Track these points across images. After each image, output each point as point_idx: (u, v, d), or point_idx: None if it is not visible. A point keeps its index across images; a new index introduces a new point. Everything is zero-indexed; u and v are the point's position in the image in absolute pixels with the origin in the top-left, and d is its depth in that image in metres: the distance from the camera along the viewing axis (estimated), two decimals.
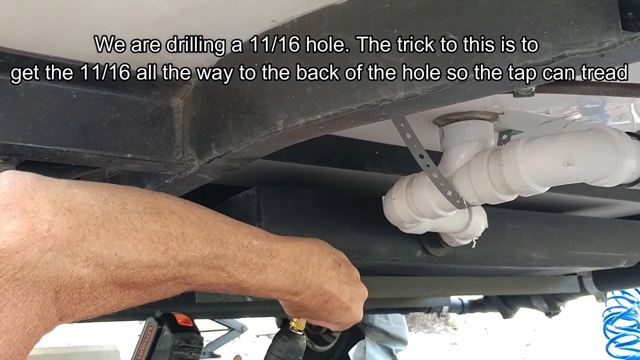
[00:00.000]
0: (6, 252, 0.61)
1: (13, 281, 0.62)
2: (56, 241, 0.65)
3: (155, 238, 0.75)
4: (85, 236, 0.67)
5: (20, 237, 0.62)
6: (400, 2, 0.69)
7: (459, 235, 1.41)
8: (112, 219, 0.71)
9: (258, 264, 0.87)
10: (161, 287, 0.78)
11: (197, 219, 0.81)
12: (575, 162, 1.00)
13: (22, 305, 0.62)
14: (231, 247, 0.83)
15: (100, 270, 0.69)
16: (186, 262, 0.78)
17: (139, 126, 0.93)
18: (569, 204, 2.04)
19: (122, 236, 0.72)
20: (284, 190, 1.34)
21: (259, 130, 0.81)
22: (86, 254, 0.67)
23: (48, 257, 0.64)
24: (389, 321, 3.70)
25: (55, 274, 0.65)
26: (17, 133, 0.83)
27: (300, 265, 0.92)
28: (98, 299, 0.71)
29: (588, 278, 2.73)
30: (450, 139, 1.21)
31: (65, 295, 0.67)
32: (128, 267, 0.72)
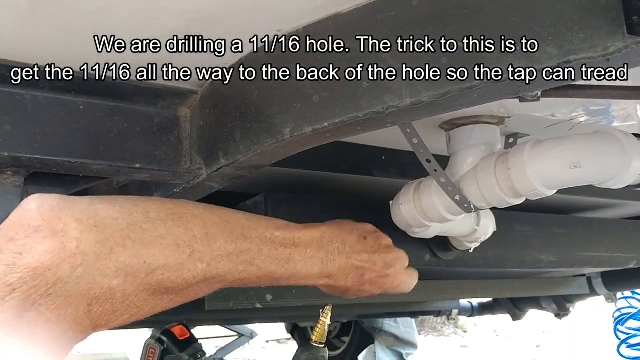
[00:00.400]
0: (40, 270, 0.66)
1: (47, 296, 0.66)
2: (85, 257, 0.69)
3: (180, 242, 0.78)
4: (113, 248, 0.71)
5: (52, 256, 0.67)
6: (405, 10, 0.69)
7: (467, 239, 1.40)
8: (137, 229, 0.75)
9: (284, 254, 0.89)
10: (193, 289, 0.81)
11: (218, 219, 0.84)
12: (582, 164, 0.99)
13: (56, 319, 0.66)
14: (255, 242, 0.86)
15: (131, 280, 0.73)
16: (214, 262, 0.81)
17: (146, 136, 0.93)
18: (577, 205, 2.03)
19: (149, 244, 0.75)
20: (291, 196, 1.34)
21: (266, 138, 0.82)
22: (115, 265, 0.71)
23: (79, 272, 0.68)
24: (398, 325, 3.69)
25: (87, 287, 0.69)
26: (25, 145, 0.84)
27: (325, 249, 0.94)
28: (131, 307, 0.74)
29: (597, 279, 2.72)
30: (457, 144, 1.21)
31: (98, 306, 0.71)
32: (157, 273, 0.75)
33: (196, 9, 0.72)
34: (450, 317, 3.60)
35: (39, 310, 0.65)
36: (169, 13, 0.73)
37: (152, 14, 0.73)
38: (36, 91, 0.86)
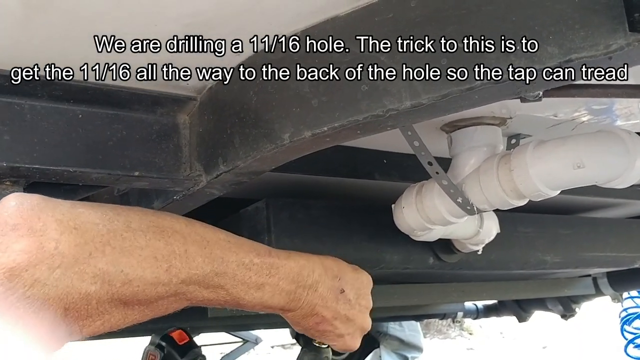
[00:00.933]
0: (16, 271, 0.63)
1: (24, 299, 0.63)
2: (64, 259, 0.66)
3: (159, 256, 0.76)
4: (92, 253, 0.69)
5: (29, 256, 0.64)
6: (403, 12, 0.68)
7: (470, 241, 1.40)
8: (117, 237, 0.73)
9: (256, 282, 0.87)
10: (163, 302, 0.79)
11: (199, 238, 0.82)
12: (585, 164, 0.99)
13: (34, 322, 0.63)
14: (231, 266, 0.84)
15: (107, 287, 0.70)
16: (188, 280, 0.79)
17: (145, 143, 0.93)
18: (581, 205, 2.02)
19: (128, 253, 0.73)
20: (293, 201, 1.33)
21: (266, 144, 0.81)
22: (93, 271, 0.69)
23: (57, 275, 0.65)
24: (403, 328, 3.68)
25: (65, 291, 0.66)
26: (24, 155, 0.83)
27: (296, 284, 0.92)
28: (104, 313, 0.72)
29: (603, 279, 2.70)
30: (459, 145, 1.20)
31: (74, 311, 0.68)
32: (133, 285, 0.73)
33: (193, 14, 0.72)
34: (456, 319, 3.59)
35: (16, 313, 0.62)
36: (166, 18, 0.72)
37: (150, 18, 0.72)
38: (34, 100, 0.86)
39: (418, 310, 3.13)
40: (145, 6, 0.70)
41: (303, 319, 0.96)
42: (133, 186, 0.97)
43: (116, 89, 0.89)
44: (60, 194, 0.96)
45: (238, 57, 0.85)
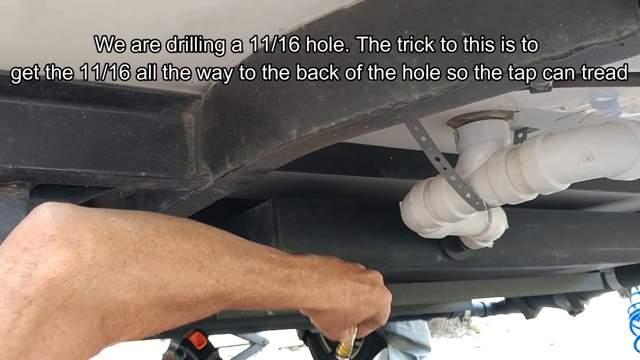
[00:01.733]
0: (56, 281, 0.63)
1: (62, 309, 0.64)
2: (100, 269, 0.67)
3: (189, 257, 0.77)
4: (126, 261, 0.70)
5: (68, 267, 0.65)
6: (409, 3, 0.67)
7: (479, 238, 1.39)
8: (149, 243, 0.74)
9: (283, 274, 0.89)
10: (202, 306, 0.81)
11: (221, 238, 0.84)
12: (595, 156, 0.98)
13: (71, 332, 0.65)
14: (257, 260, 0.86)
15: (144, 293, 0.72)
16: (222, 278, 0.81)
17: (151, 143, 0.92)
18: (589, 199, 2.01)
19: (160, 258, 0.74)
20: (300, 200, 1.32)
21: (273, 141, 0.80)
22: (129, 279, 0.70)
23: (94, 285, 0.67)
24: (411, 328, 3.67)
25: (102, 300, 0.67)
26: (29, 157, 0.83)
27: (317, 270, 0.94)
28: (143, 321, 0.73)
29: (611, 274, 2.69)
30: (466, 140, 1.19)
31: (111, 320, 0.69)
32: (170, 288, 0.75)
33: (196, 11, 0.71)
34: (463, 318, 3.58)
35: (54, 323, 0.63)
36: (168, 16, 0.72)
37: (152, 17, 0.72)
38: (38, 101, 0.85)
39: (426, 309, 3.13)
40: (147, 4, 0.69)
41: (345, 298, 0.97)
42: (139, 187, 0.96)
43: (120, 88, 0.88)
44: (66, 196, 0.95)
45: (240, 56, 0.84)
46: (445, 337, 8.15)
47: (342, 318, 1.00)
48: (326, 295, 0.95)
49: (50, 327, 0.63)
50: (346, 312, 0.99)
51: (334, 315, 0.99)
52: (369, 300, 1.01)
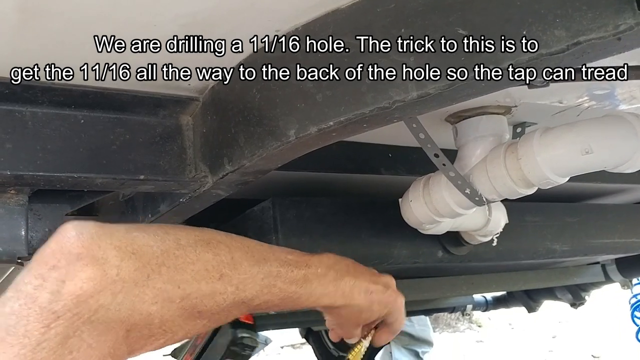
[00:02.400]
0: (83, 297, 0.67)
1: (89, 323, 0.67)
2: (125, 284, 0.71)
3: (209, 267, 0.81)
4: (150, 275, 0.74)
5: (94, 283, 0.68)
6: (405, 1, 0.67)
7: (479, 233, 1.39)
8: (170, 256, 0.77)
9: (299, 275, 0.91)
10: (223, 313, 0.83)
11: (239, 245, 0.87)
12: (594, 150, 0.98)
13: (97, 345, 0.68)
14: (274, 264, 0.88)
15: (167, 305, 0.75)
16: (241, 285, 0.84)
17: (149, 146, 0.92)
18: (588, 192, 2.01)
19: (182, 270, 0.78)
20: (299, 200, 1.32)
21: (271, 141, 0.80)
22: (152, 292, 0.73)
23: (119, 299, 0.70)
24: (413, 324, 3.67)
25: (127, 314, 0.71)
26: (27, 163, 0.83)
27: (333, 268, 0.97)
28: (167, 332, 0.76)
29: (611, 266, 2.69)
30: (464, 136, 1.19)
31: (136, 332, 0.73)
32: (192, 298, 0.78)
33: (191, 13, 0.71)
34: (465, 312, 3.58)
35: (81, 337, 0.67)
36: (164, 19, 0.72)
37: (148, 20, 0.71)
38: (35, 107, 0.85)
39: (427, 304, 3.12)
40: (142, 7, 0.69)
41: (360, 296, 0.99)
42: (138, 190, 0.96)
43: (117, 92, 0.88)
44: (65, 201, 0.95)
45: (237, 57, 0.84)
46: (448, 332, 8.16)
47: (356, 315, 1.02)
48: (341, 292, 0.97)
49: (77, 340, 0.66)
50: (360, 308, 1.00)
51: (348, 311, 1.01)
52: (382, 300, 1.03)
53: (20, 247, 0.88)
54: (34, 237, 0.92)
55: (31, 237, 0.90)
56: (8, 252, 0.86)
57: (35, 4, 0.66)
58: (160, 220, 1.09)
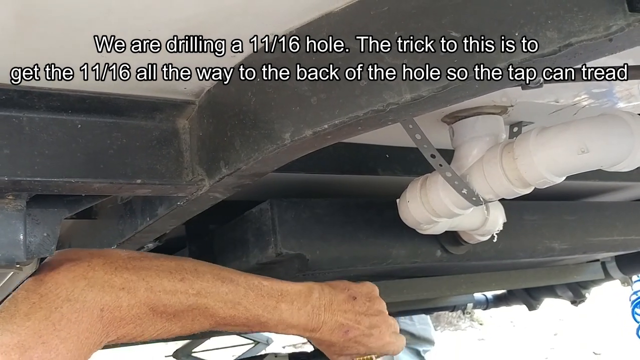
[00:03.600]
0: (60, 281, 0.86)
1: (68, 301, 0.84)
2: (95, 272, 0.88)
3: (173, 270, 0.93)
4: (117, 268, 0.90)
5: (69, 272, 0.87)
6: (398, 4, 0.68)
7: (477, 232, 1.39)
8: (136, 259, 0.93)
9: (270, 302, 0.99)
10: (187, 315, 0.93)
11: (208, 266, 1.00)
12: (590, 149, 0.98)
13: (76, 319, 0.83)
14: (242, 284, 0.98)
15: (133, 291, 0.89)
16: (203, 291, 0.94)
17: (146, 150, 0.92)
18: (587, 190, 2.01)
19: (146, 268, 0.92)
20: (297, 201, 1.32)
21: (267, 144, 0.80)
22: (120, 280, 0.89)
23: (91, 283, 0.87)
24: (414, 322, 3.67)
25: (99, 295, 0.86)
26: (25, 168, 0.83)
27: (311, 304, 1.02)
28: (135, 318, 0.89)
29: (611, 263, 2.70)
30: (461, 136, 1.19)
31: (108, 312, 0.86)
32: (155, 290, 0.90)
33: (185, 18, 0.71)
34: (466, 310, 3.58)
35: (60, 311, 0.82)
36: (159, 23, 0.72)
37: (142, 25, 0.72)
38: (32, 112, 0.85)
39: (428, 303, 3.13)
40: (136, 12, 0.69)
41: (331, 334, 1.04)
42: (136, 194, 0.96)
43: (114, 96, 0.88)
44: (63, 205, 0.95)
45: (234, 58, 0.84)
46: (449, 330, 8.16)
47: (326, 346, 1.08)
48: (311, 328, 1.02)
49: (58, 315, 0.81)
50: (330, 343, 1.05)
51: (318, 342, 1.07)
52: (359, 340, 1.07)
53: (18, 252, 0.88)
54: (32, 242, 0.92)
55: (29, 242, 0.90)
56: (6, 257, 0.86)
57: (31, 12, 0.66)
58: (158, 223, 1.09)
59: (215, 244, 1.51)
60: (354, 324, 1.05)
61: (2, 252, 0.86)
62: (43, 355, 0.78)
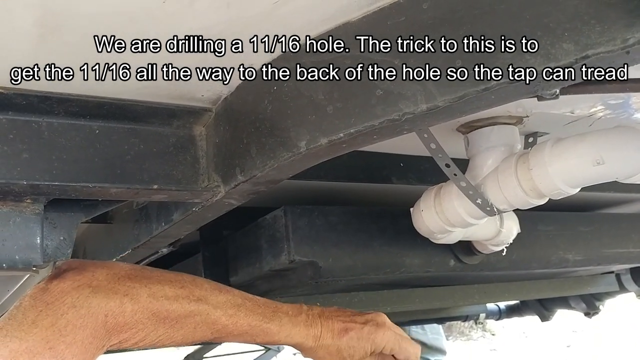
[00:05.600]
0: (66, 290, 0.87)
1: (73, 307, 0.86)
2: (99, 282, 0.90)
3: (173, 280, 0.97)
4: (120, 278, 0.92)
5: (73, 282, 0.88)
6: (415, 15, 0.68)
7: (491, 242, 1.39)
8: (137, 270, 0.96)
9: (267, 311, 1.02)
10: (188, 322, 0.96)
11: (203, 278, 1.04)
12: (605, 161, 0.98)
13: (81, 324, 0.85)
14: (238, 296, 1.02)
15: (136, 298, 0.91)
16: (203, 298, 0.97)
17: (163, 156, 0.93)
18: (602, 201, 2.00)
19: (148, 278, 0.95)
20: (311, 208, 1.33)
21: (282, 152, 0.81)
22: (123, 288, 0.91)
23: (96, 290, 0.89)
24: (425, 332, 3.66)
25: (103, 301, 0.88)
26: (43, 172, 0.84)
27: (305, 313, 1.06)
28: (138, 323, 0.91)
29: (626, 275, 2.67)
30: (476, 146, 1.19)
31: (112, 318, 0.88)
32: (157, 296, 0.93)
33: (205, 27, 0.72)
34: (478, 321, 3.56)
35: (66, 317, 0.84)
36: (179, 32, 0.73)
37: (162, 34, 0.73)
38: (51, 117, 0.87)
39: (440, 313, 3.12)
40: (157, 20, 0.70)
41: (334, 336, 1.07)
42: (152, 199, 0.97)
43: (132, 103, 0.89)
44: (80, 210, 0.96)
45: (252, 66, 0.85)
46: (461, 340, 8.11)
47: (335, 354, 1.09)
48: (312, 333, 1.05)
49: (64, 321, 0.84)
50: (337, 347, 1.07)
51: (325, 352, 1.08)
52: (361, 335, 1.08)
53: (35, 255, 0.89)
54: (49, 245, 0.93)
55: (46, 245, 0.91)
56: (24, 260, 0.87)
57: (54, 20, 0.67)
58: (173, 228, 1.10)
59: (229, 250, 1.52)
60: (350, 322, 1.09)
61: (20, 255, 0.87)
62: None
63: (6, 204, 0.87)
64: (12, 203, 0.87)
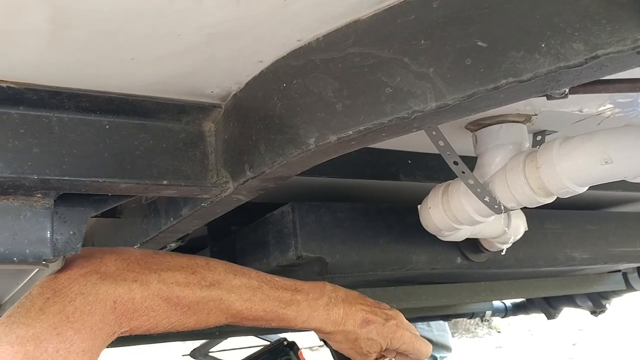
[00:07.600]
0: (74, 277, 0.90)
1: (81, 294, 0.87)
2: (107, 268, 0.91)
3: (184, 265, 0.96)
4: (129, 264, 0.93)
5: (82, 268, 0.90)
6: (425, 13, 0.68)
7: (498, 240, 1.39)
8: (148, 257, 0.95)
9: (285, 295, 1.00)
10: (201, 307, 0.94)
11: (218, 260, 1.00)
12: (613, 160, 0.98)
13: (89, 311, 0.86)
14: (254, 278, 0.99)
15: (145, 284, 0.91)
16: (216, 283, 0.95)
17: (172, 152, 0.93)
18: (609, 199, 2.00)
19: (158, 263, 0.94)
20: (318, 204, 1.33)
21: (291, 149, 0.81)
22: (132, 274, 0.92)
23: (104, 277, 0.90)
24: (431, 329, 3.66)
25: (112, 287, 0.89)
26: (53, 167, 0.84)
27: (327, 295, 1.04)
28: (149, 310, 0.91)
29: (633, 274, 2.66)
30: (484, 144, 1.19)
31: (121, 305, 0.89)
32: (167, 282, 0.93)
33: (215, 24, 0.72)
34: (484, 318, 3.56)
35: (74, 304, 0.86)
36: (189, 29, 0.73)
37: (172, 30, 0.73)
38: (62, 113, 0.87)
39: (446, 310, 3.12)
40: (167, 19, 0.70)
41: (354, 323, 1.05)
42: (161, 195, 0.98)
43: (142, 98, 0.90)
44: (90, 204, 0.97)
45: (259, 67, 0.85)
46: (467, 337, 8.12)
47: (352, 342, 1.05)
48: (333, 318, 1.03)
49: (72, 308, 0.85)
50: (356, 336, 1.04)
51: (342, 337, 1.05)
52: (381, 331, 1.08)
53: (45, 249, 0.90)
54: (59, 239, 0.93)
55: (56, 239, 0.92)
56: (34, 254, 0.88)
57: (65, 18, 0.68)
58: (182, 223, 1.11)
59: (237, 245, 1.52)
60: (372, 315, 1.07)
61: (30, 249, 0.88)
62: (58, 346, 0.82)
63: (17, 199, 0.87)
64: (22, 197, 0.88)
